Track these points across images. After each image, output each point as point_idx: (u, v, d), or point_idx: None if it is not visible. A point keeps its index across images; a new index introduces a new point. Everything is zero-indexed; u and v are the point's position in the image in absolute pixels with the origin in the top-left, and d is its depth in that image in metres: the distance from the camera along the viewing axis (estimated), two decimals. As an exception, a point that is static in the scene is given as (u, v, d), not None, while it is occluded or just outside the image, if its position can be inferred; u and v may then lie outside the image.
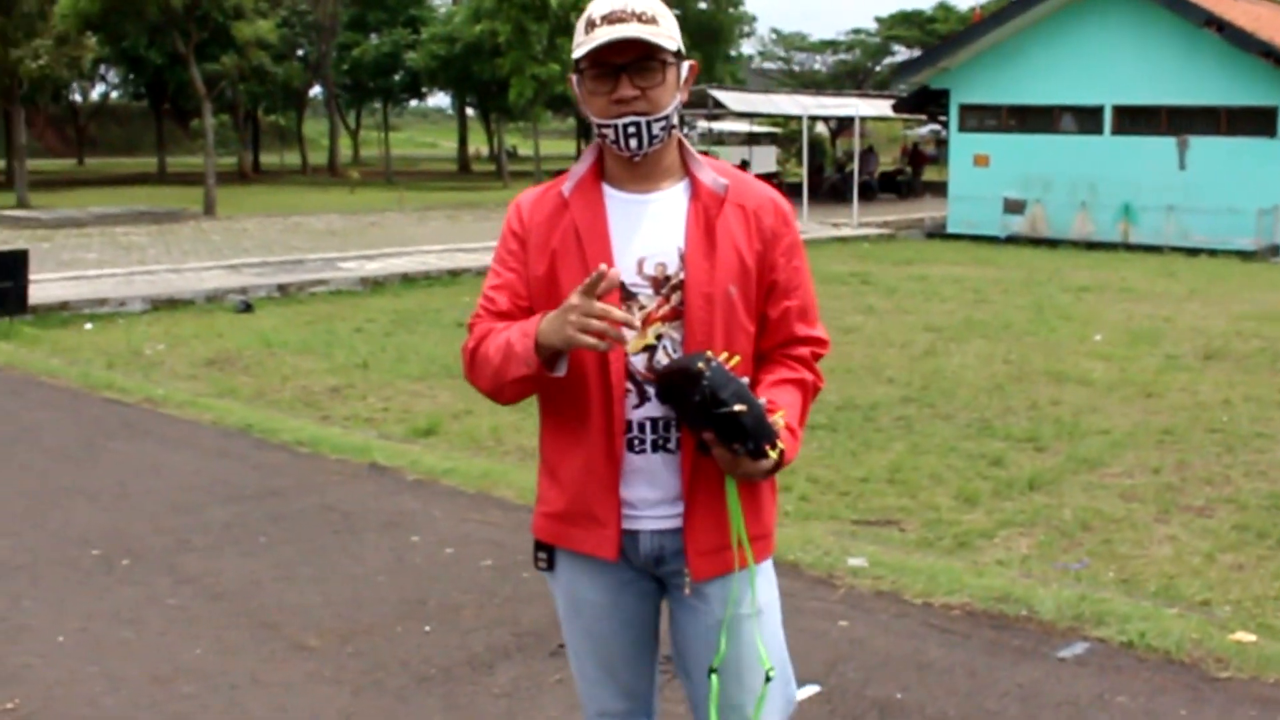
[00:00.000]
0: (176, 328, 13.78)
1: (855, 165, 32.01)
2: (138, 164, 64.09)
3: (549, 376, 2.65)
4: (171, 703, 4.60)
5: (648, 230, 2.73)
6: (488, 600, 5.55)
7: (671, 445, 2.74)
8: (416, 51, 51.09)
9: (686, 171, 2.78)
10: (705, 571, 2.76)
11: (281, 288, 16.84)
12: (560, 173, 2.88)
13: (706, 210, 2.72)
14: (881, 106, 35.42)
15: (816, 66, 76.17)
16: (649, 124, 2.64)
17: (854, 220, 27.99)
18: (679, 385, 2.57)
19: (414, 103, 77.14)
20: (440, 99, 72.95)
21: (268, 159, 67.21)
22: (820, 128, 46.98)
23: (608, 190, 2.77)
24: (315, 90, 65.09)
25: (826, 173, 41.93)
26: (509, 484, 7.26)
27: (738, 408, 2.49)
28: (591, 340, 2.50)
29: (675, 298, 2.70)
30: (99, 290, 15.88)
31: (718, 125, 42.08)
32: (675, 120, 2.72)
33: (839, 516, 6.84)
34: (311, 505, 7.04)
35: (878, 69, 72.05)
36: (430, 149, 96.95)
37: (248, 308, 15.22)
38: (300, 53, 58.18)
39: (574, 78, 2.72)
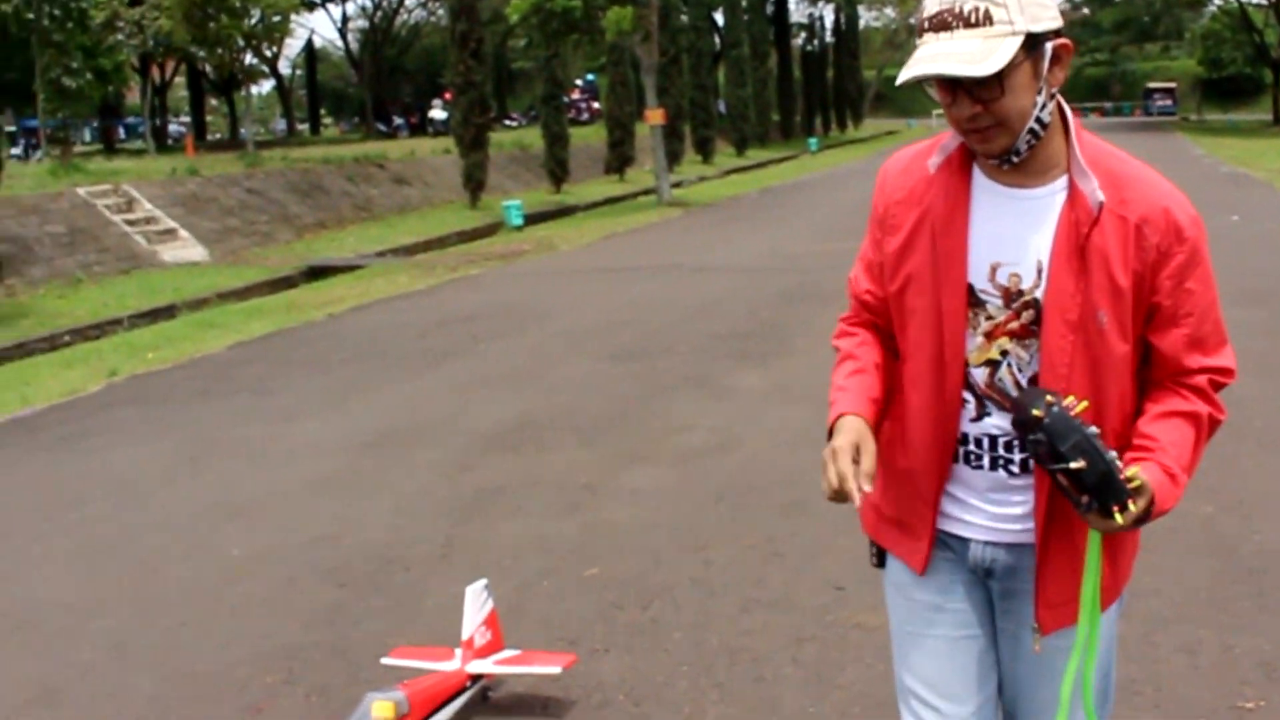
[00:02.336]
0: None
1: None
2: None
3: None
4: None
5: (1010, 233, 2.33)
6: None
7: (1015, 468, 2.40)
8: None
9: (1069, 168, 2.30)
10: (1053, 625, 2.44)
11: None
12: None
13: (1079, 224, 2.27)
14: None
15: None
16: (993, 139, 2.24)
17: None
18: (1020, 423, 2.28)
19: None
20: None
21: None
22: None
23: (977, 175, 2.38)
24: None
25: None
26: None
27: (1074, 465, 2.16)
28: (825, 484, 2.28)
29: (1026, 315, 2.33)
30: None
31: None
32: (1046, 118, 2.26)
33: None
34: None
35: None
36: None
37: None
38: None
39: None
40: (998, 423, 2.38)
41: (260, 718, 4.42)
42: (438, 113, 52.54)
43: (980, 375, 2.38)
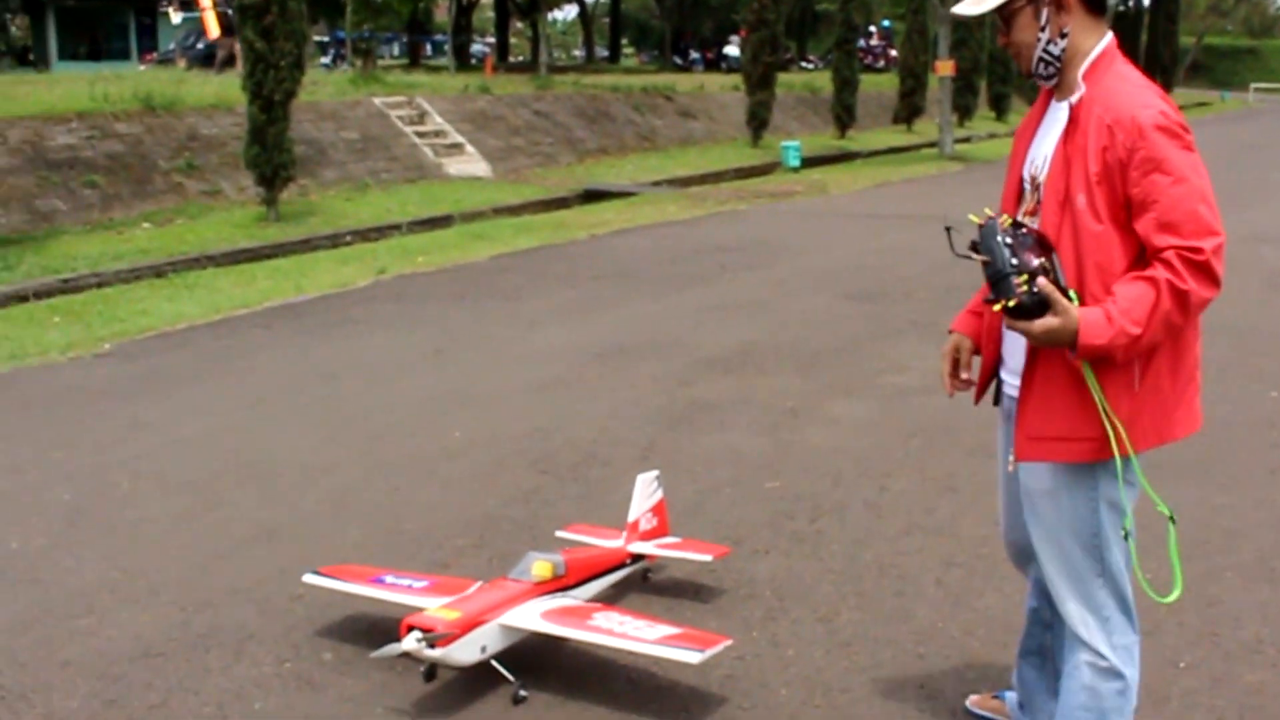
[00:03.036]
0: None
1: None
2: None
3: None
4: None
5: (1047, 135, 3.13)
6: None
7: None
8: None
9: None
10: (1022, 454, 3.14)
11: None
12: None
13: (1069, 123, 3.01)
14: None
15: None
16: (1019, 61, 3.13)
17: None
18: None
19: None
20: None
21: None
22: None
23: (1055, 96, 3.17)
24: None
25: None
26: None
27: (976, 257, 2.95)
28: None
29: (1038, 194, 3.10)
30: None
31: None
32: (1056, 51, 3.06)
33: None
34: None
35: None
36: None
37: None
38: None
39: None
40: None
41: (445, 571, 4.94)
42: (733, 49, 52.75)
43: None
